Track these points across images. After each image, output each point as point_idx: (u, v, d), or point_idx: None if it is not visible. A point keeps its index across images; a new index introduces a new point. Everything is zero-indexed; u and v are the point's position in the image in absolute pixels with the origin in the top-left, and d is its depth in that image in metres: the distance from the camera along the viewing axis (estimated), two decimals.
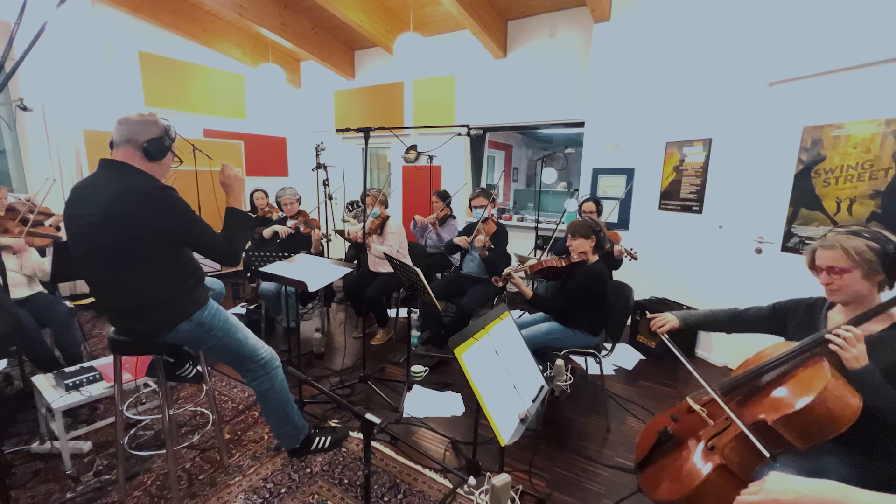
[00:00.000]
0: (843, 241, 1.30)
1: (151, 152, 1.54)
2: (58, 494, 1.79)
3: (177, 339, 1.66)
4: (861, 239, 1.30)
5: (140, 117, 1.56)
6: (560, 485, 1.93)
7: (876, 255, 1.26)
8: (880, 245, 1.27)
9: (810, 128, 2.61)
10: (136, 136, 1.53)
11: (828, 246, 1.34)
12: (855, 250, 1.27)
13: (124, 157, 1.53)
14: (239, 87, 5.87)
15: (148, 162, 1.56)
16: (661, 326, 1.70)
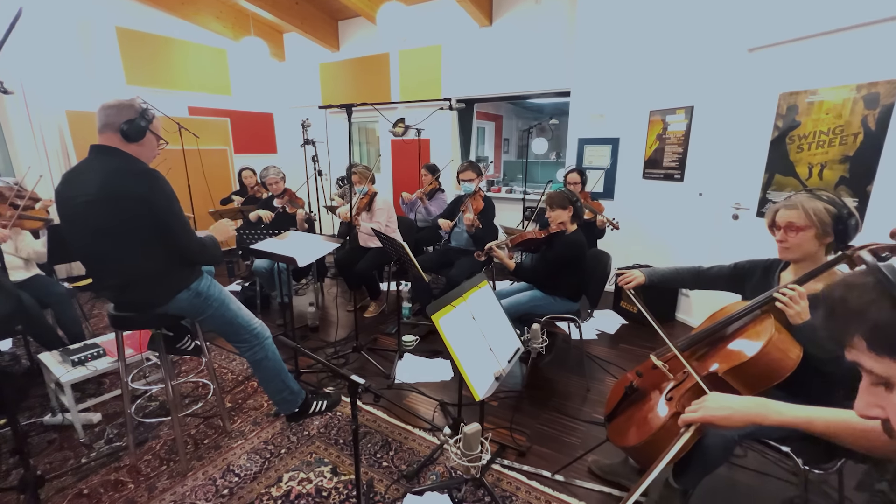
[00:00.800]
0: (805, 202, 1.40)
1: (129, 134, 1.59)
2: (73, 460, 1.93)
3: (177, 308, 1.77)
4: (821, 201, 1.39)
5: (117, 102, 1.62)
6: (540, 439, 2.09)
7: (831, 217, 1.36)
8: (836, 209, 1.37)
9: (786, 94, 2.65)
10: (113, 120, 1.59)
11: (790, 206, 1.43)
12: (814, 211, 1.37)
13: (108, 142, 1.60)
14: (222, 63, 5.76)
15: (128, 144, 1.61)
16: (628, 282, 1.81)
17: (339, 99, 6.00)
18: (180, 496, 1.73)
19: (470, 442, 1.18)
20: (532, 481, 1.81)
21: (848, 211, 1.34)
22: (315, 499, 1.72)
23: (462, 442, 1.19)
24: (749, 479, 1.83)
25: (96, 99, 4.76)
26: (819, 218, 1.34)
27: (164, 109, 4.38)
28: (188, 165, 4.52)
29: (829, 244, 1.40)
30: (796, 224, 1.38)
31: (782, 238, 1.42)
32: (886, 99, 2.20)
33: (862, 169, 2.33)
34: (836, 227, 1.34)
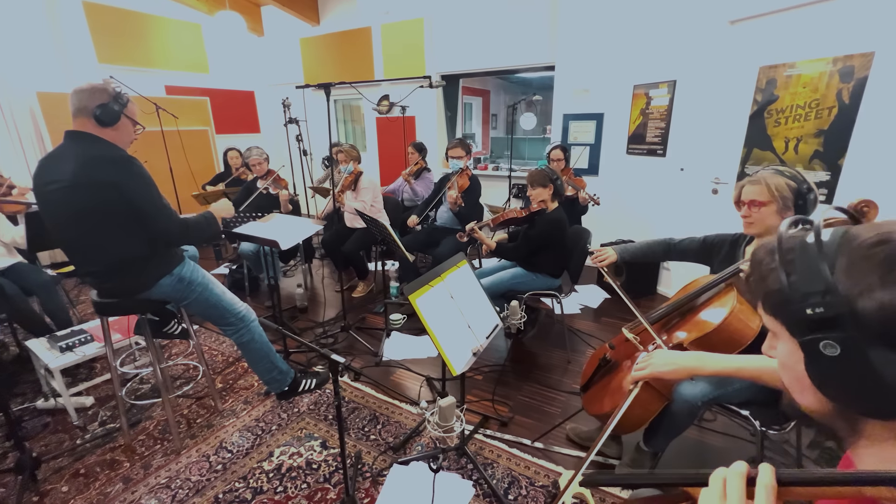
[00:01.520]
0: (768, 178, 1.44)
1: (102, 119, 1.57)
2: (69, 442, 1.98)
3: (160, 293, 1.79)
4: (783, 177, 1.44)
5: (89, 85, 1.60)
6: (522, 409, 2.19)
7: (791, 192, 1.41)
8: (797, 184, 1.42)
9: (766, 67, 2.66)
10: (86, 104, 1.56)
11: (754, 181, 1.47)
12: (776, 186, 1.41)
13: (82, 127, 1.58)
14: (197, 38, 5.55)
15: (103, 129, 1.59)
16: (601, 261, 1.87)
17: (321, 75, 5.86)
18: (175, 472, 1.80)
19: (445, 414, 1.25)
20: (513, 449, 1.90)
21: (808, 186, 1.39)
22: (306, 471, 1.80)
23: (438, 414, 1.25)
24: (717, 441, 1.95)
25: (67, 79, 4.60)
26: (780, 193, 1.39)
27: (141, 89, 4.27)
28: (168, 148, 4.44)
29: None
30: (759, 200, 1.43)
31: (746, 213, 1.47)
32: (860, 72, 2.23)
33: (835, 143, 2.37)
34: (796, 201, 1.39)
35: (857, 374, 0.43)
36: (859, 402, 0.45)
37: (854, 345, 0.42)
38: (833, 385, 0.46)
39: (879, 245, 0.43)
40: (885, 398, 0.42)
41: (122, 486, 1.74)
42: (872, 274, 0.42)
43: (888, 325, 0.41)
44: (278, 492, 1.70)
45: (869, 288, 0.42)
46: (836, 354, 0.43)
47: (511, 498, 1.65)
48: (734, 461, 0.51)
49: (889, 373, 0.41)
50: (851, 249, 0.45)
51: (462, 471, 1.78)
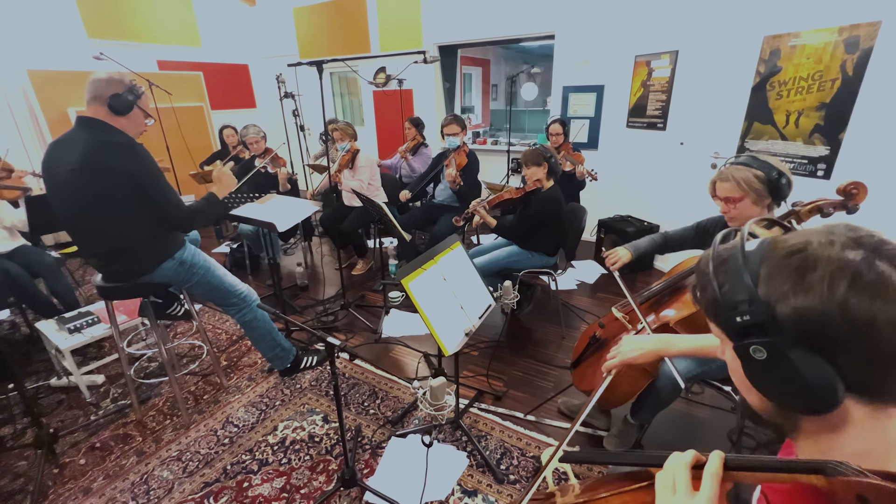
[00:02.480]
0: (735, 173, 1.44)
1: (116, 107, 1.64)
2: (83, 418, 2.08)
3: (162, 277, 1.85)
4: (750, 170, 1.43)
5: (107, 74, 1.67)
6: (516, 384, 2.26)
7: (762, 182, 1.41)
8: (765, 173, 1.41)
9: (770, 37, 2.58)
10: (101, 93, 1.63)
11: (723, 178, 1.48)
12: (744, 181, 1.42)
13: (95, 114, 1.64)
14: (188, 9, 5.38)
15: (115, 117, 1.66)
16: (614, 263, 1.86)
17: (315, 48, 5.70)
18: (185, 446, 1.90)
19: (436, 393, 1.31)
20: (506, 422, 1.99)
21: (777, 171, 1.40)
22: (308, 444, 1.90)
23: (429, 393, 1.31)
24: (703, 413, 2.02)
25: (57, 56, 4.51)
26: (750, 186, 1.40)
27: (132, 65, 4.19)
28: (163, 125, 4.38)
29: (771, 203, 1.46)
30: (733, 196, 1.44)
31: (725, 209, 1.49)
32: (866, 42, 2.16)
33: (836, 116, 2.33)
34: (769, 189, 1.40)
35: (783, 375, 0.46)
36: (791, 400, 0.48)
37: (777, 348, 0.45)
38: (767, 386, 0.50)
39: (793, 254, 0.46)
40: (811, 396, 0.45)
41: (136, 458, 1.84)
42: (787, 281, 0.45)
43: (803, 328, 0.44)
44: (283, 463, 1.80)
45: (784, 295, 0.45)
46: (764, 358, 0.47)
47: (503, 468, 1.74)
48: (717, 433, 0.56)
49: (810, 372, 0.44)
50: (771, 259, 0.48)
51: (457, 443, 1.87)
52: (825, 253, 0.44)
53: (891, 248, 0.44)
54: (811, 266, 0.44)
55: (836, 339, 0.43)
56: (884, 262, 0.43)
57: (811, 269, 0.44)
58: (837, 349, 0.43)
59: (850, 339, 0.42)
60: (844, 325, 0.42)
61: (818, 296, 0.43)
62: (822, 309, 0.43)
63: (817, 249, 0.45)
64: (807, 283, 0.44)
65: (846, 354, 0.43)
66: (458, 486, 1.67)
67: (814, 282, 0.43)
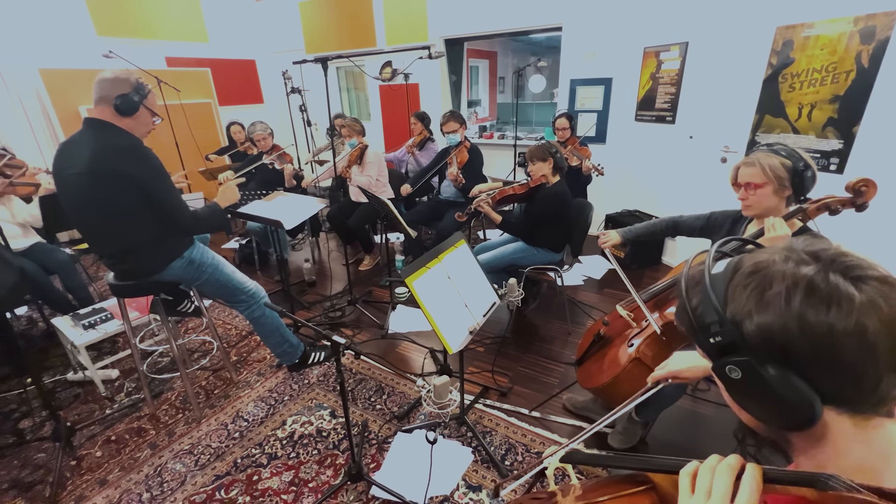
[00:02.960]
0: (762, 159, 1.42)
1: (122, 108, 1.64)
2: (98, 412, 2.14)
3: (172, 276, 1.88)
4: (778, 157, 1.41)
5: (113, 74, 1.65)
6: (521, 380, 2.28)
7: (787, 171, 1.39)
8: (792, 162, 1.39)
9: (783, 28, 2.52)
10: (107, 93, 1.63)
11: (749, 163, 1.45)
12: (770, 167, 1.39)
13: (101, 115, 1.65)
14: (195, 5, 5.40)
15: (122, 118, 1.66)
16: (604, 243, 1.88)
17: (322, 42, 5.70)
18: (197, 439, 1.95)
19: (440, 392, 1.32)
20: (511, 418, 2.00)
21: (804, 163, 1.37)
22: (316, 438, 1.93)
23: (433, 392, 1.33)
24: (709, 410, 2.02)
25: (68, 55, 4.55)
26: (775, 174, 1.37)
27: (141, 62, 4.23)
28: (172, 122, 4.43)
29: (790, 196, 1.44)
30: (754, 182, 1.41)
31: (743, 196, 1.46)
32: (882, 32, 2.10)
33: (850, 109, 2.27)
34: (792, 180, 1.37)
35: (760, 393, 0.47)
36: (772, 417, 0.48)
37: (749, 366, 0.46)
38: (747, 404, 0.50)
39: (754, 273, 0.47)
40: (790, 411, 0.46)
41: (150, 451, 1.89)
42: (750, 300, 0.46)
43: (769, 345, 0.45)
44: (291, 457, 1.84)
45: (748, 313, 0.46)
46: (740, 377, 0.47)
47: (507, 464, 1.76)
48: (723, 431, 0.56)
49: (784, 388, 0.45)
50: (735, 279, 0.49)
51: (462, 438, 1.89)
52: (781, 269, 0.45)
53: (846, 259, 0.45)
54: (768, 283, 0.46)
55: (800, 353, 0.44)
56: (837, 274, 0.44)
57: (769, 286, 0.45)
58: (804, 363, 0.44)
59: (813, 352, 0.43)
60: (804, 338, 0.43)
61: (777, 311, 0.44)
62: (781, 324, 0.44)
63: (774, 266, 0.46)
64: (766, 300, 0.45)
65: (814, 367, 0.44)
66: (462, 482, 1.69)
67: (771, 298, 0.45)
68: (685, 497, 0.52)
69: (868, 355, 0.42)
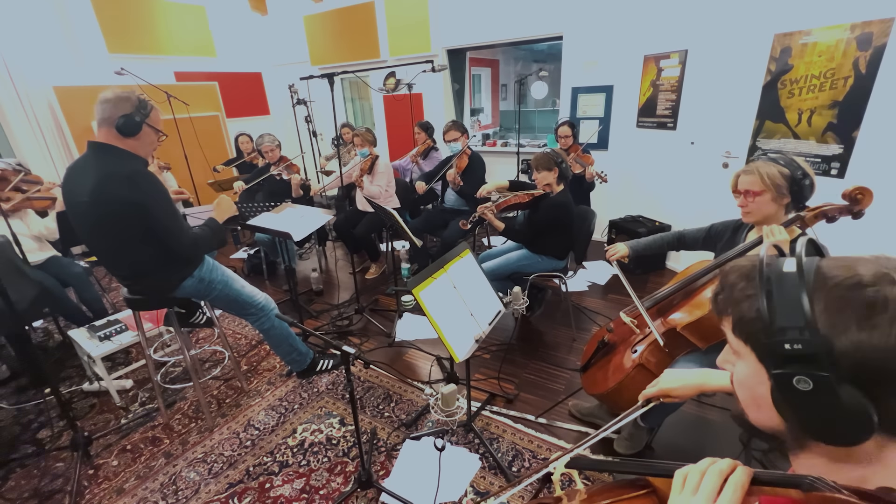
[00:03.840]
0: (761, 168, 1.45)
1: (124, 129, 1.61)
2: (114, 422, 2.19)
3: (184, 293, 1.93)
4: (777, 165, 1.44)
5: (114, 94, 1.62)
6: (527, 386, 2.30)
7: (785, 179, 1.42)
8: (790, 171, 1.42)
9: (781, 35, 2.55)
10: (109, 114, 1.60)
11: (748, 171, 1.49)
12: (768, 175, 1.42)
13: (105, 138, 1.64)
14: (202, 21, 5.53)
15: (125, 139, 1.64)
16: (612, 256, 1.91)
17: (326, 54, 5.80)
18: (210, 448, 1.99)
19: (447, 400, 1.35)
20: (517, 424, 2.03)
21: (802, 172, 1.40)
22: (326, 446, 1.97)
23: (441, 400, 1.36)
24: (714, 415, 2.03)
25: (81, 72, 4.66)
26: (774, 182, 1.40)
27: (151, 77, 4.33)
28: (182, 135, 4.53)
29: (789, 204, 1.47)
30: (753, 190, 1.44)
31: (743, 203, 1.49)
32: (879, 39, 2.13)
33: (849, 114, 2.30)
34: (791, 188, 1.40)
35: (824, 408, 0.45)
36: (819, 431, 0.47)
37: (826, 382, 0.43)
38: (796, 413, 0.48)
39: (858, 289, 0.44)
40: (843, 430, 0.45)
41: (165, 460, 1.94)
42: (852, 317, 0.43)
43: (862, 367, 0.43)
44: (302, 465, 1.88)
45: (847, 330, 0.43)
46: (809, 389, 0.45)
47: (514, 470, 1.79)
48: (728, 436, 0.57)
49: (853, 409, 0.43)
50: (829, 288, 0.45)
51: (469, 445, 1.92)
52: (892, 292, 0.43)
53: None
54: (881, 305, 0.43)
55: (888, 381, 0.42)
56: None
57: (881, 308, 0.43)
58: (889, 390, 0.43)
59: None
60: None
61: (886, 336, 0.42)
62: (885, 349, 0.42)
63: (885, 288, 0.43)
64: (874, 322, 0.42)
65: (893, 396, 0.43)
66: (470, 488, 1.72)
67: (882, 322, 0.42)
68: (675, 494, 0.56)
69: None
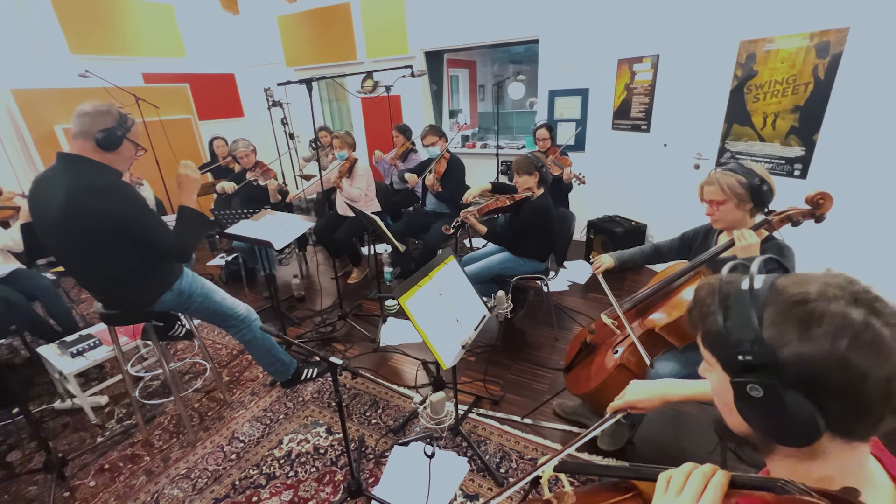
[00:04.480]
0: (720, 179, 1.53)
1: (104, 143, 1.56)
2: (90, 440, 2.12)
3: (162, 307, 1.87)
4: (735, 176, 1.52)
5: (93, 108, 1.57)
6: (512, 388, 2.34)
7: (744, 188, 1.49)
8: (748, 179, 1.50)
9: (746, 42, 2.67)
10: (88, 128, 1.55)
11: (710, 182, 1.56)
12: (728, 185, 1.50)
13: (81, 150, 1.57)
14: (170, 19, 5.36)
15: (103, 153, 1.59)
16: (597, 268, 1.96)
17: (301, 55, 5.72)
18: (193, 463, 1.95)
19: (436, 408, 1.37)
20: (504, 426, 2.06)
21: (759, 178, 1.48)
22: (314, 456, 1.96)
23: (430, 407, 1.37)
24: (691, 408, 2.11)
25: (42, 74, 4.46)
26: (734, 191, 1.48)
27: (117, 80, 4.18)
28: (152, 139, 4.38)
29: (753, 208, 1.54)
30: (716, 199, 1.52)
31: (710, 211, 1.57)
32: (836, 47, 2.25)
33: (810, 118, 2.42)
34: (751, 195, 1.48)
35: (774, 413, 0.51)
36: (775, 433, 0.53)
37: (773, 389, 0.50)
38: (755, 418, 0.55)
39: (800, 304, 0.49)
40: (795, 432, 0.51)
41: (146, 478, 1.89)
42: (793, 330, 0.49)
43: (802, 375, 0.48)
44: (290, 476, 1.86)
45: (789, 342, 0.49)
46: (760, 396, 0.51)
47: (502, 471, 1.82)
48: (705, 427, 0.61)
49: (799, 413, 0.49)
50: (777, 303, 0.51)
51: (457, 448, 1.94)
52: (830, 308, 0.48)
53: (883, 306, 0.49)
54: (817, 319, 0.48)
55: (830, 387, 0.48)
56: (880, 321, 0.47)
57: (817, 322, 0.48)
58: (828, 395, 0.48)
59: (841, 389, 0.47)
60: (840, 376, 0.47)
61: (821, 348, 0.47)
62: (822, 359, 0.47)
63: (822, 304, 0.48)
64: (812, 335, 0.48)
65: (836, 401, 0.48)
66: (460, 491, 1.74)
67: (819, 335, 0.47)
68: (659, 495, 0.60)
69: (885, 398, 0.46)
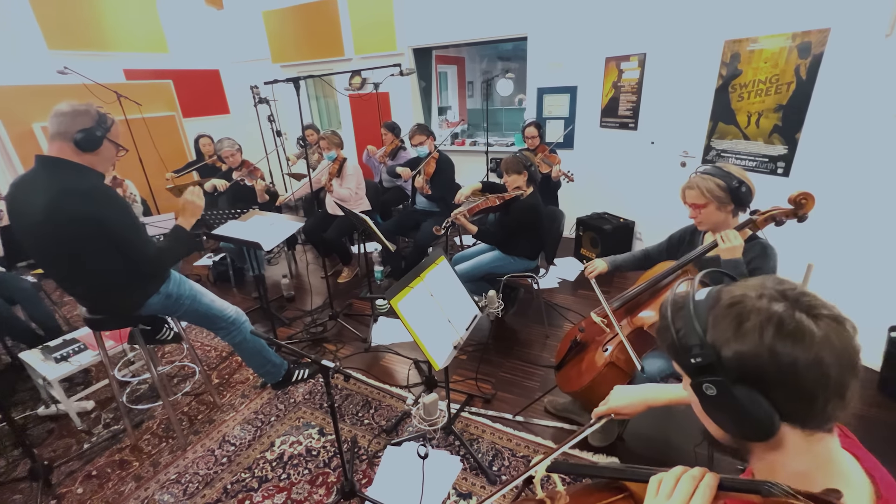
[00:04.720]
0: (700, 183, 1.56)
1: (83, 144, 1.52)
2: (76, 447, 2.08)
3: (150, 310, 1.85)
4: (713, 179, 1.55)
5: (70, 107, 1.52)
6: (503, 385, 2.36)
7: (723, 190, 1.53)
8: (726, 182, 1.53)
9: (730, 42, 2.71)
10: (66, 128, 1.50)
11: (690, 186, 1.60)
12: (707, 189, 1.53)
13: (59, 152, 1.53)
14: (151, 14, 5.22)
15: (82, 154, 1.54)
16: (591, 273, 1.97)
17: (288, 51, 5.64)
18: (183, 468, 1.93)
19: (429, 409, 1.37)
20: (496, 424, 2.08)
21: (737, 181, 1.51)
22: (306, 458, 1.95)
23: (422, 409, 1.38)
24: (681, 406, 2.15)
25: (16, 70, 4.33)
26: (713, 194, 1.52)
27: (98, 76, 4.08)
28: (135, 137, 4.28)
29: (734, 209, 1.58)
30: (698, 203, 1.55)
31: (693, 214, 1.60)
32: (817, 48, 2.30)
33: (792, 117, 2.47)
34: (731, 196, 1.52)
35: (730, 408, 0.55)
36: (738, 429, 0.57)
37: (723, 386, 0.54)
38: (718, 417, 0.59)
39: (733, 305, 0.55)
40: (753, 425, 0.54)
41: (135, 484, 1.86)
42: (729, 330, 0.54)
43: (743, 369, 0.53)
44: (282, 479, 1.85)
45: (727, 340, 0.54)
46: (714, 394, 0.55)
47: (495, 469, 1.84)
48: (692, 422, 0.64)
49: (751, 406, 0.53)
50: (716, 308, 0.56)
51: (450, 447, 1.95)
52: (756, 305, 0.54)
53: (807, 299, 0.54)
54: (746, 316, 0.53)
55: (767, 378, 0.52)
56: (801, 312, 0.52)
57: (746, 318, 0.53)
58: (770, 386, 0.52)
59: (778, 378, 0.52)
60: (773, 366, 0.51)
61: (752, 342, 0.52)
62: (755, 352, 0.52)
63: (750, 301, 0.54)
64: (743, 331, 0.53)
65: (777, 390, 0.52)
66: (453, 490, 1.75)
67: (748, 330, 0.53)
68: (651, 497, 0.62)
69: (821, 382, 0.50)
